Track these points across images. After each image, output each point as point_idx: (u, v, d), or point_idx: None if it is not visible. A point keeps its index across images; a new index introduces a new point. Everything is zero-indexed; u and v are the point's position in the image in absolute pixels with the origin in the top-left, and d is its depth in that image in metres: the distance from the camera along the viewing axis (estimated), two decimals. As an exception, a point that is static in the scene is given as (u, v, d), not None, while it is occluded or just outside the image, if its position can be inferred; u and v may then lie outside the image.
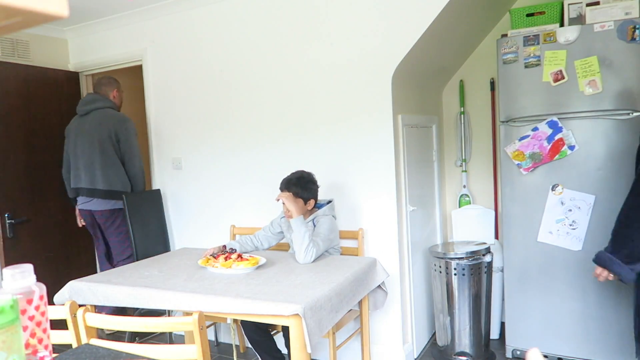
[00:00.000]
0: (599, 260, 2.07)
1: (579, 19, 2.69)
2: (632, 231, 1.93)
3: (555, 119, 2.66)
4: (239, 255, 2.48)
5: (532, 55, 2.73)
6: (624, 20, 2.52)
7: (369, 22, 2.79)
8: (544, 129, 2.70)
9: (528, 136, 2.73)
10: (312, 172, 2.73)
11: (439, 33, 2.79)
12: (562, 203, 2.71)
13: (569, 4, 2.72)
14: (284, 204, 2.61)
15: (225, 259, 2.45)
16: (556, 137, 2.67)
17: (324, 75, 2.97)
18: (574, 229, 2.69)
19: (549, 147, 2.69)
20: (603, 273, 2.06)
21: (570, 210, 2.69)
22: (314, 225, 2.62)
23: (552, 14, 2.80)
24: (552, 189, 2.71)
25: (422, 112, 3.27)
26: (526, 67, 2.75)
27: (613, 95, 2.57)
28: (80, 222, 3.61)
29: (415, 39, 2.66)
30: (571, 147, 2.65)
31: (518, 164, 2.77)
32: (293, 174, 2.68)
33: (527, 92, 2.76)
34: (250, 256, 2.51)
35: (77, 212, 3.58)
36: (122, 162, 3.40)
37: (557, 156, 2.68)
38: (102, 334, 3.31)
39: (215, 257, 2.49)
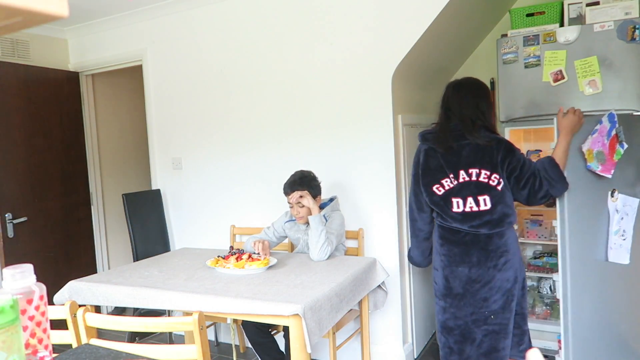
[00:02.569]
0: None
1: (579, 19, 2.69)
2: None
3: (613, 111, 2.26)
4: (250, 256, 2.48)
5: (532, 55, 2.73)
6: (624, 20, 2.52)
7: (369, 22, 2.79)
8: (605, 123, 2.22)
9: (595, 131, 2.21)
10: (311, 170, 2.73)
11: (439, 33, 2.79)
12: (617, 211, 2.28)
13: (569, 4, 2.73)
14: (294, 206, 2.61)
15: (237, 259, 2.45)
16: (612, 133, 2.23)
17: (323, 75, 2.97)
18: (625, 239, 2.28)
19: (608, 144, 2.22)
20: None
21: (622, 218, 2.28)
22: (326, 221, 2.63)
23: (552, 14, 2.80)
24: (611, 195, 2.27)
25: (422, 112, 3.27)
26: (526, 67, 2.75)
27: (613, 95, 2.57)
28: None
29: (415, 39, 2.66)
30: (622, 145, 2.24)
31: (588, 166, 2.20)
32: (294, 175, 2.67)
33: (527, 92, 2.76)
34: (259, 257, 2.51)
35: None
36: None
37: (614, 156, 2.22)
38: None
39: (224, 258, 2.50)
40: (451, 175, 2.08)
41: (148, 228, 3.48)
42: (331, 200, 2.75)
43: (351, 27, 2.85)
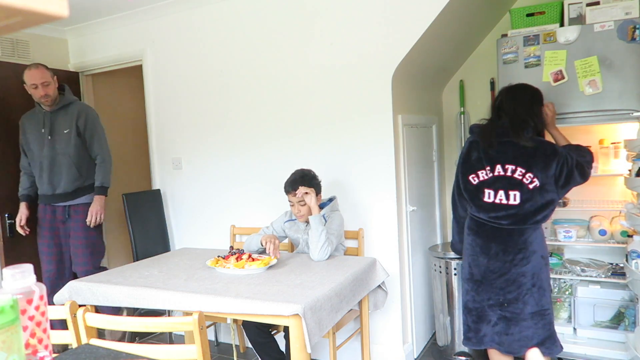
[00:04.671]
0: None
1: (579, 19, 2.69)
2: None
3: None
4: (250, 256, 2.48)
5: (532, 55, 2.73)
6: (624, 20, 2.51)
7: (369, 22, 2.79)
8: None
9: None
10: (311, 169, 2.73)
11: (439, 33, 2.79)
12: None
13: (569, 4, 2.72)
14: (296, 205, 2.61)
15: (237, 259, 2.45)
16: None
17: (323, 75, 2.97)
18: None
19: None
20: None
21: None
22: (325, 221, 2.63)
23: (552, 14, 2.80)
24: None
25: (422, 112, 3.27)
26: (526, 67, 2.75)
27: (613, 95, 2.57)
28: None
29: (415, 39, 2.66)
30: None
31: None
32: (294, 173, 2.67)
33: (527, 92, 2.76)
34: (260, 256, 2.51)
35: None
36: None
37: None
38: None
39: (224, 258, 2.50)
40: (487, 168, 2.24)
41: (148, 228, 3.48)
42: (330, 200, 2.75)
43: (351, 27, 2.85)
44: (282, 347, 2.72)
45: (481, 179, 2.26)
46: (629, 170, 2.53)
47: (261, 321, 2.05)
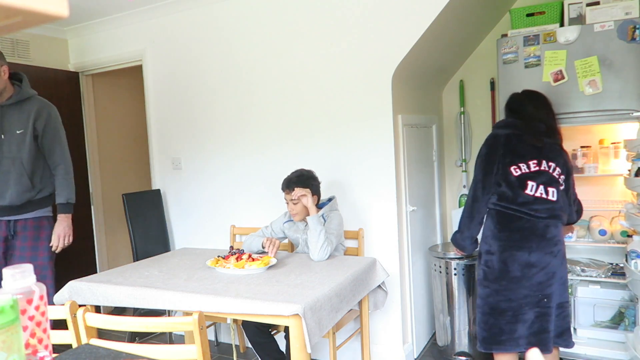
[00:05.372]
0: None
1: (579, 19, 2.69)
2: None
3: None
4: (250, 256, 2.48)
5: (532, 55, 2.73)
6: (624, 20, 2.52)
7: (369, 22, 2.79)
8: None
9: None
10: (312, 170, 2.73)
11: (439, 33, 2.79)
12: None
13: (569, 4, 2.72)
14: (289, 203, 2.62)
15: (237, 259, 2.45)
16: None
17: (324, 75, 2.97)
18: None
19: None
20: None
21: None
22: (324, 221, 2.63)
23: (552, 14, 2.80)
24: None
25: (422, 112, 3.27)
26: (526, 67, 2.75)
27: (613, 95, 2.57)
28: None
29: (415, 39, 2.66)
30: None
31: None
32: (293, 173, 2.68)
33: (527, 92, 2.76)
34: (260, 256, 2.51)
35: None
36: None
37: None
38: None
39: (224, 258, 2.50)
40: (532, 162, 2.25)
41: (148, 228, 3.48)
42: (329, 200, 2.75)
43: (351, 27, 2.85)
44: (282, 347, 2.72)
45: (524, 171, 2.24)
46: (629, 170, 2.53)
47: (261, 321, 2.05)
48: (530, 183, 2.23)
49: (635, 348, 2.41)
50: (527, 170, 2.24)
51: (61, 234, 2.82)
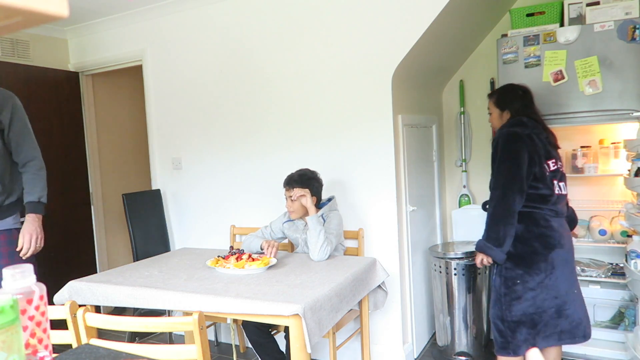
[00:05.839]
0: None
1: (579, 19, 2.69)
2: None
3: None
4: (250, 256, 2.48)
5: (532, 55, 2.73)
6: (624, 20, 2.52)
7: (369, 22, 2.79)
8: None
9: None
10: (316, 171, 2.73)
11: (439, 33, 2.79)
12: None
13: (569, 4, 2.72)
14: (287, 199, 2.62)
15: (237, 259, 2.45)
16: None
17: (323, 75, 2.97)
18: None
19: None
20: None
21: None
22: (324, 221, 2.63)
23: (552, 14, 2.80)
24: None
25: (422, 112, 3.27)
26: (526, 67, 2.75)
27: (613, 95, 2.57)
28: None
29: (415, 39, 2.66)
30: None
31: None
32: (297, 171, 2.70)
33: (527, 92, 2.76)
34: (260, 256, 2.51)
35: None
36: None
37: None
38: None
39: (224, 258, 2.50)
40: (551, 161, 2.28)
41: (148, 228, 3.47)
42: (329, 200, 2.75)
43: (351, 28, 2.85)
44: (282, 347, 2.72)
45: (551, 169, 2.27)
46: (629, 170, 2.53)
47: (261, 321, 2.05)
48: (555, 182, 2.28)
49: (635, 348, 2.41)
50: (552, 169, 2.28)
51: (33, 234, 2.36)
